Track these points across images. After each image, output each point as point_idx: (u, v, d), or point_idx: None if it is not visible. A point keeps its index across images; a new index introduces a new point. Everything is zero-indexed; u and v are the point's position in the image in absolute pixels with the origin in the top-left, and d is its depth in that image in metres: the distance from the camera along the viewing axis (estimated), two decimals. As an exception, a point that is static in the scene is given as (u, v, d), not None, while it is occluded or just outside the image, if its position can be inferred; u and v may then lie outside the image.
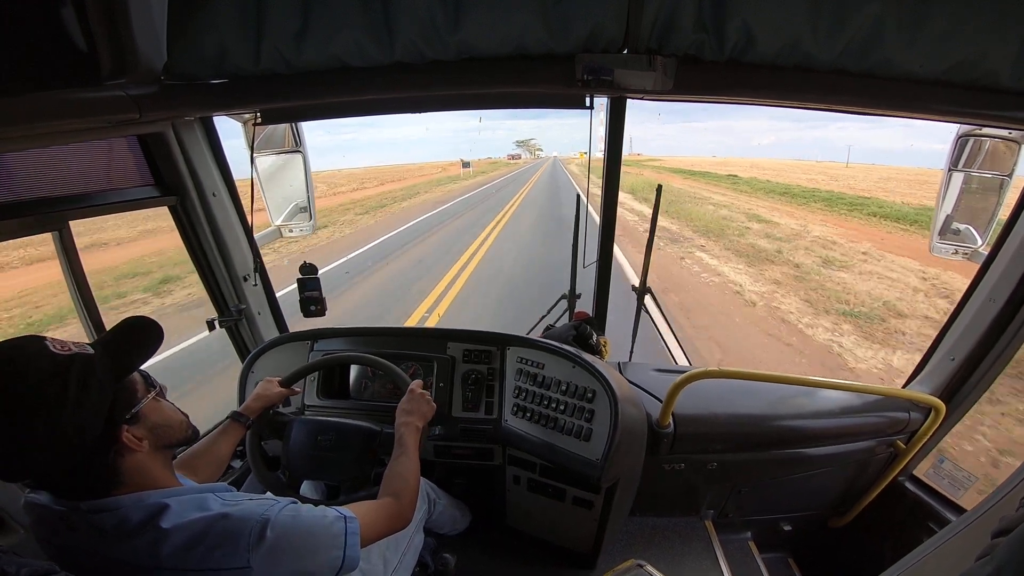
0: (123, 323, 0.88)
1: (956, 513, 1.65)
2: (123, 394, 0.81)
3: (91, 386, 0.74)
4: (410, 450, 1.19)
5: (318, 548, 0.85)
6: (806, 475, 1.81)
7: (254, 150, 1.67)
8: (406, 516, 1.07)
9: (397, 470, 1.14)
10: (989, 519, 0.75)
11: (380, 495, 1.09)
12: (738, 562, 1.92)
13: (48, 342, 0.74)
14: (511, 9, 1.08)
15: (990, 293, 1.46)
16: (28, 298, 7.55)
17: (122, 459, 0.79)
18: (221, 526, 0.78)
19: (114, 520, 0.76)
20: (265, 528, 0.80)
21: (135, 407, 0.82)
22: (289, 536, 0.82)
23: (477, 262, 9.46)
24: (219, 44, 1.16)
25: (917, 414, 1.68)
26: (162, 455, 0.88)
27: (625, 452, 1.42)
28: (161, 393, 0.90)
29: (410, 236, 13.27)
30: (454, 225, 15.34)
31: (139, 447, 0.80)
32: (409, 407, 1.29)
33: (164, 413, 0.88)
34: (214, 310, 1.89)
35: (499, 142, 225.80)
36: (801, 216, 16.49)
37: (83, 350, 0.76)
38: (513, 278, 8.13)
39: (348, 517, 0.91)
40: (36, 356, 0.71)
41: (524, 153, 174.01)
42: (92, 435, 0.74)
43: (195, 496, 0.83)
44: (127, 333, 0.87)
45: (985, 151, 1.48)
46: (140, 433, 0.81)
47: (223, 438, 1.28)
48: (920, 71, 1.04)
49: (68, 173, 1.36)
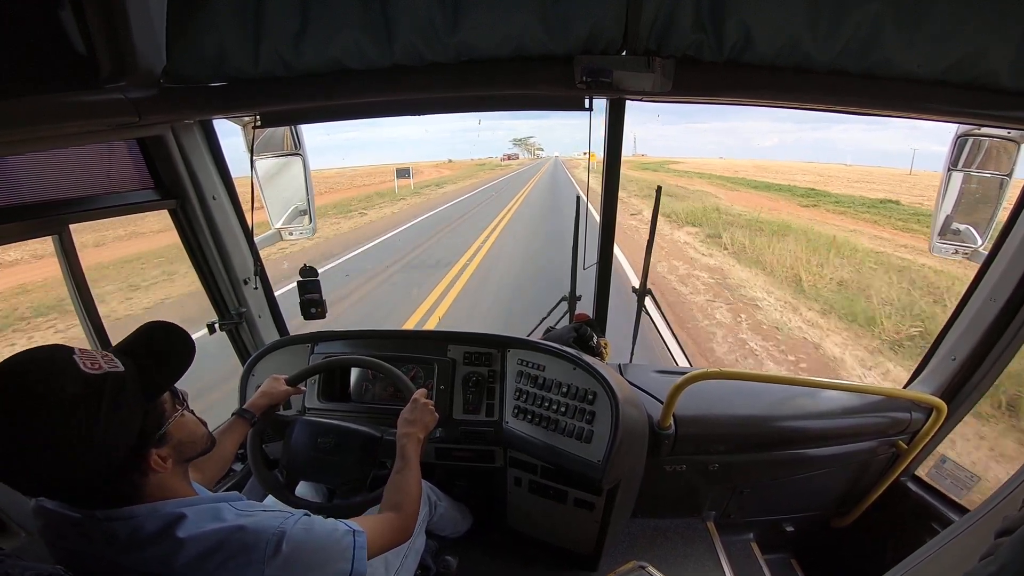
0: (148, 331, 0.85)
1: (959, 513, 1.65)
2: (152, 415, 0.79)
3: (122, 409, 0.71)
4: (412, 462, 1.18)
5: (327, 561, 0.86)
6: (808, 476, 1.81)
7: (254, 153, 1.67)
8: (408, 529, 1.07)
9: (399, 483, 1.14)
10: (992, 519, 0.74)
11: (382, 508, 1.09)
12: (740, 563, 1.91)
13: (77, 356, 0.70)
14: (510, 10, 1.08)
15: (991, 293, 1.46)
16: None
17: (145, 478, 0.78)
18: (237, 538, 0.78)
19: (128, 529, 0.75)
20: (281, 541, 0.80)
21: (163, 427, 0.80)
22: (303, 549, 0.83)
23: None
24: (218, 47, 1.16)
25: (919, 414, 1.67)
26: (182, 468, 0.87)
27: (626, 453, 1.42)
28: (186, 405, 0.88)
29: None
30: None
31: (163, 468, 0.79)
32: (412, 417, 1.28)
33: (188, 428, 0.86)
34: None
35: (499, 142, 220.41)
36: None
37: (114, 367, 0.73)
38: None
39: (356, 531, 0.91)
40: (66, 375, 0.68)
41: (523, 153, 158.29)
42: (119, 458, 0.73)
43: (210, 506, 0.82)
44: (154, 345, 0.84)
45: (984, 151, 1.48)
46: (165, 453, 0.80)
47: (228, 435, 1.28)
48: (919, 71, 1.04)
49: (68, 176, 1.37)
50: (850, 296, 7.73)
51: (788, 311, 7.28)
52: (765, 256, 10.29)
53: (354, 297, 7.59)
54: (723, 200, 19.72)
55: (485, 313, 6.72)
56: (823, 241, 11.53)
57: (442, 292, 7.57)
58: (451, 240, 12.83)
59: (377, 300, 7.43)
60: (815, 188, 24.06)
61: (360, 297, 7.52)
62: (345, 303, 7.14)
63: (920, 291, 7.73)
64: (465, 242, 11.78)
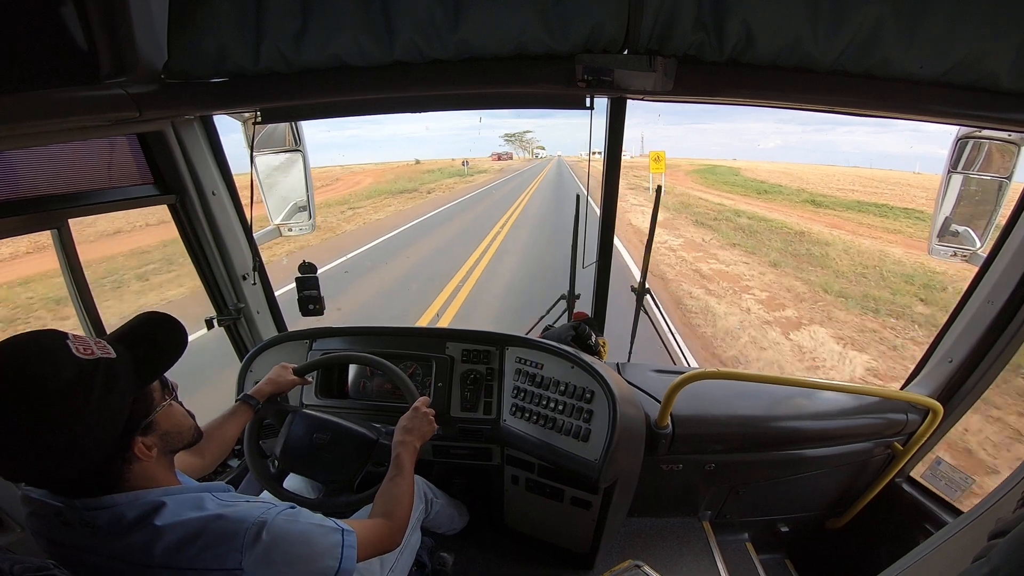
0: (143, 320, 0.86)
1: (953, 515, 1.66)
2: (140, 402, 0.79)
3: (112, 396, 0.72)
4: (406, 471, 1.18)
5: (313, 556, 0.84)
6: (804, 476, 1.81)
7: (254, 149, 1.67)
8: (397, 538, 1.07)
9: (392, 491, 1.13)
10: (986, 521, 0.75)
11: (372, 514, 1.09)
12: (735, 563, 1.92)
13: (70, 341, 0.71)
14: (511, 9, 1.08)
15: (988, 295, 1.46)
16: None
17: (129, 466, 0.78)
18: (216, 526, 0.78)
19: (108, 517, 0.75)
20: (261, 530, 0.79)
21: (150, 416, 0.80)
22: (285, 540, 0.81)
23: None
24: (219, 43, 1.16)
25: (915, 416, 1.68)
26: (167, 458, 0.87)
27: (623, 452, 1.42)
28: (175, 396, 0.88)
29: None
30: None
31: (148, 456, 0.79)
32: (410, 425, 1.27)
33: (175, 419, 0.87)
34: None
35: (500, 141, 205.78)
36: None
37: (106, 353, 0.73)
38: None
39: (346, 530, 0.90)
40: (59, 360, 0.68)
41: (518, 152, 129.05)
42: (106, 445, 0.73)
43: (192, 495, 0.82)
44: (148, 333, 0.84)
45: (984, 153, 1.48)
46: (151, 442, 0.80)
47: (232, 420, 1.29)
48: (920, 72, 1.04)
49: (68, 171, 1.37)
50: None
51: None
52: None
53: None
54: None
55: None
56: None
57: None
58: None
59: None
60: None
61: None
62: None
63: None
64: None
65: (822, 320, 7.14)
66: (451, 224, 14.97)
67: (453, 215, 17.30)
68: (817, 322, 7.00)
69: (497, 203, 19.68)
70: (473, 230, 12.77)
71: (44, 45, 1.02)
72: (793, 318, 7.13)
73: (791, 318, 7.14)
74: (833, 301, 7.95)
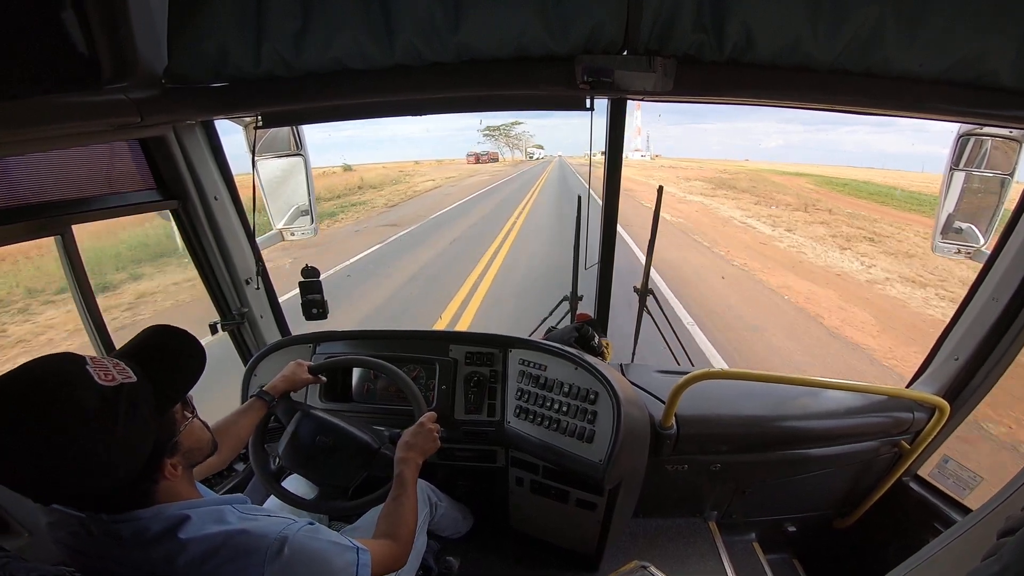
0: (157, 337, 0.84)
1: (961, 513, 1.65)
2: (165, 424, 0.79)
3: (136, 421, 0.71)
4: (409, 489, 1.18)
5: (331, 572, 0.85)
6: (810, 476, 1.80)
7: (255, 154, 1.68)
8: (402, 560, 1.07)
9: (397, 511, 1.13)
10: (995, 519, 0.74)
11: (376, 534, 1.09)
12: (742, 563, 1.91)
13: (90, 367, 0.70)
14: (511, 10, 1.09)
15: (993, 292, 1.46)
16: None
17: (155, 485, 0.78)
18: (239, 540, 0.79)
19: (133, 529, 0.76)
20: (283, 546, 0.80)
21: (176, 436, 0.81)
22: (305, 556, 0.82)
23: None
24: (220, 47, 1.16)
25: (921, 414, 1.67)
26: (188, 472, 0.87)
27: (628, 453, 1.42)
28: (195, 412, 0.88)
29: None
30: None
31: (176, 476, 0.80)
32: (413, 440, 1.27)
33: (196, 434, 0.87)
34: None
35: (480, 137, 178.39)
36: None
37: (127, 378, 0.72)
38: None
39: (360, 549, 0.91)
40: (81, 388, 0.67)
41: (507, 152, 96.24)
42: (135, 469, 0.73)
43: (214, 508, 0.83)
44: (166, 354, 0.83)
45: (986, 150, 1.48)
46: (177, 461, 0.80)
47: (246, 416, 1.30)
48: (920, 70, 1.04)
49: (70, 177, 1.37)
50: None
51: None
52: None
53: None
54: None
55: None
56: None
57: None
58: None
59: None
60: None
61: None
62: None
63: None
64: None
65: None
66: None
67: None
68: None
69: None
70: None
71: (45, 50, 1.02)
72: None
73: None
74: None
